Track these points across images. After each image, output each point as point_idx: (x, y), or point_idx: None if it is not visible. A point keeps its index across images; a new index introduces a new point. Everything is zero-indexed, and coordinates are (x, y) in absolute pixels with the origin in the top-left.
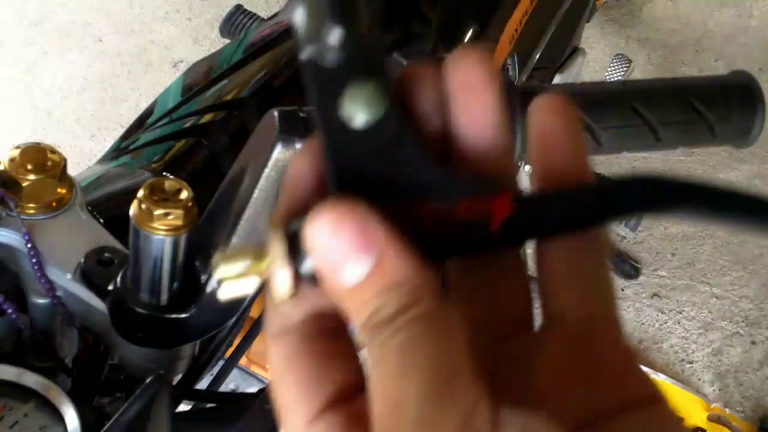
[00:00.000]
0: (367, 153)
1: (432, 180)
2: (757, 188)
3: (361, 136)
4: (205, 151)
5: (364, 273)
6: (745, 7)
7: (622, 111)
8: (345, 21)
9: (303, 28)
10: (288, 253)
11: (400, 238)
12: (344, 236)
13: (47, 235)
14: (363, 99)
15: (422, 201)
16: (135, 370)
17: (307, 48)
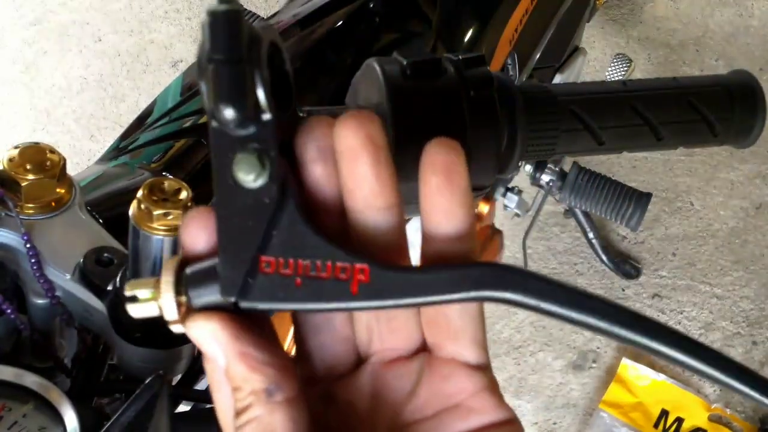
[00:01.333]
0: (249, 210)
1: (307, 243)
2: (758, 187)
3: (244, 194)
4: (205, 150)
5: (221, 370)
6: (745, 6)
7: (623, 111)
8: (236, 103)
9: (205, 102)
10: (175, 290)
11: (241, 352)
12: (210, 342)
13: (46, 235)
14: (247, 166)
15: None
16: (134, 371)
17: (210, 116)
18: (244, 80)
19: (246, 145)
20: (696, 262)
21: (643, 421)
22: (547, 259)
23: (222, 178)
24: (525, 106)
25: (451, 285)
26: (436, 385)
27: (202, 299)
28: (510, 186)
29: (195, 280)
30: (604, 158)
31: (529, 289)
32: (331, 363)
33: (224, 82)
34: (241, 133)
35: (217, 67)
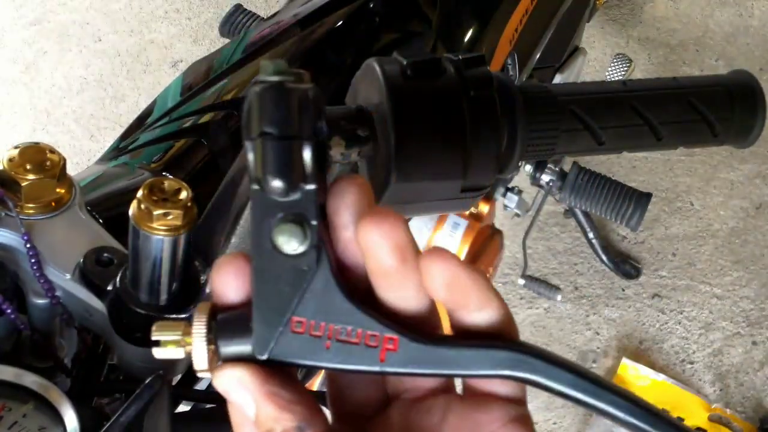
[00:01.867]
0: (286, 274)
1: (338, 308)
2: (758, 187)
3: (283, 259)
4: (205, 150)
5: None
6: (745, 6)
7: (623, 111)
8: (285, 176)
9: (251, 169)
10: (207, 339)
11: (269, 392)
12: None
13: (46, 235)
14: (291, 235)
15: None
16: (134, 371)
17: (254, 182)
18: (293, 154)
19: (287, 211)
20: (696, 262)
21: None
22: (547, 259)
23: (261, 241)
24: (525, 106)
25: (476, 362)
26: (468, 413)
27: (231, 350)
28: (510, 186)
29: (225, 331)
30: (604, 158)
31: (549, 375)
32: (362, 402)
33: (275, 156)
34: (283, 200)
35: (268, 141)
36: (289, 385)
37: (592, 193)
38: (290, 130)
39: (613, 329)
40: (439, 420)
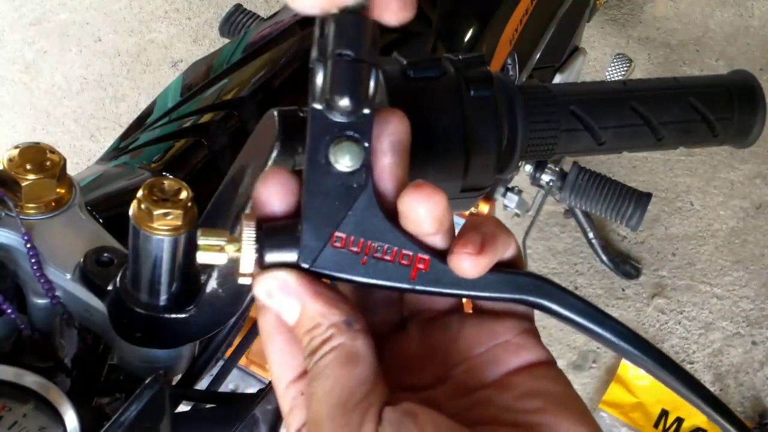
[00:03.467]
0: (337, 190)
1: (376, 227)
2: (758, 187)
3: (336, 175)
4: (205, 150)
5: (296, 316)
6: (746, 6)
7: (623, 111)
8: (353, 94)
9: (320, 87)
10: (256, 242)
11: (317, 291)
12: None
13: (46, 235)
14: (347, 152)
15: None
16: (134, 371)
17: (318, 101)
18: (362, 76)
19: (346, 130)
20: (696, 262)
21: (643, 421)
22: (547, 259)
23: (315, 157)
24: (525, 106)
25: (498, 286)
26: (484, 324)
27: (276, 257)
28: (510, 186)
29: (272, 239)
30: (604, 158)
31: (562, 302)
32: (380, 322)
33: (346, 75)
34: (343, 120)
35: (341, 62)
36: (333, 289)
37: (592, 193)
38: (363, 54)
39: None
40: (456, 332)
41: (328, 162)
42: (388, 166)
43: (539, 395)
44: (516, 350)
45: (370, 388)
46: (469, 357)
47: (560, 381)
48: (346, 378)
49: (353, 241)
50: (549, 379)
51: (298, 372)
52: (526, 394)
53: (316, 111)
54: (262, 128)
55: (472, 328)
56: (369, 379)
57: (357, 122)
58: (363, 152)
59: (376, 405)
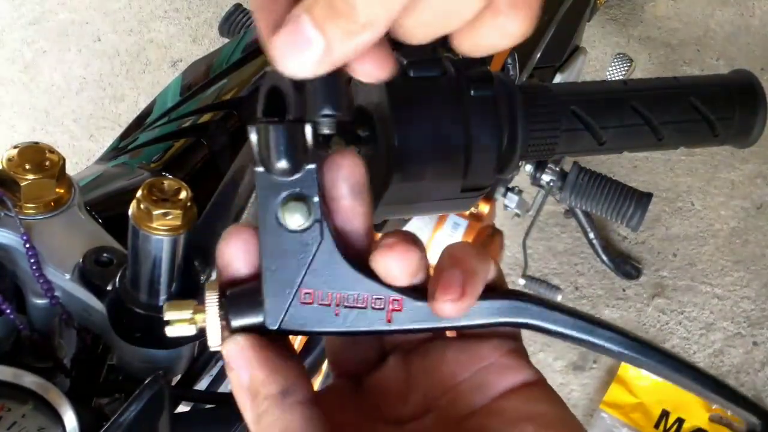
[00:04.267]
0: (293, 248)
1: (343, 277)
2: (759, 187)
3: (289, 235)
4: (205, 150)
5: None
6: (746, 6)
7: (623, 110)
8: (289, 157)
9: (256, 151)
10: (220, 315)
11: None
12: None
13: (46, 235)
14: (296, 211)
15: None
16: (134, 371)
17: (258, 164)
18: (296, 136)
19: (290, 189)
20: (697, 263)
21: (644, 422)
22: (547, 259)
23: (267, 219)
24: (525, 105)
25: (480, 314)
26: (467, 348)
27: (242, 323)
28: (510, 186)
29: (236, 305)
30: (605, 158)
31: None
32: (361, 359)
33: (279, 138)
34: (286, 180)
35: (271, 125)
36: (282, 354)
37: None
38: (291, 112)
39: None
40: (439, 359)
41: (279, 223)
42: (350, 209)
43: (530, 419)
44: (503, 372)
45: None
46: (454, 384)
47: (551, 401)
48: None
49: (321, 294)
50: (539, 400)
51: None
52: (517, 419)
53: (259, 174)
54: None
55: (455, 353)
56: None
57: (301, 179)
58: (313, 208)
59: None
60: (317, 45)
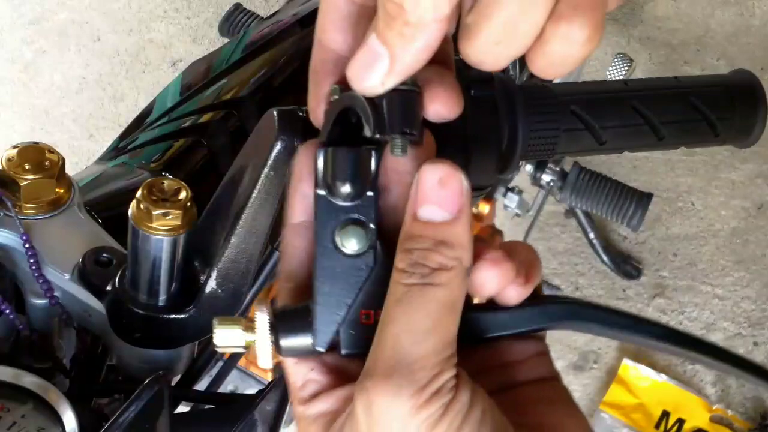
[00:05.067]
0: (346, 272)
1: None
2: (759, 187)
3: (344, 259)
4: (204, 150)
5: (436, 218)
6: (747, 6)
7: (624, 110)
8: (355, 182)
9: (321, 174)
10: (272, 339)
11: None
12: (443, 188)
13: (45, 235)
14: (353, 236)
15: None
16: (133, 371)
17: (320, 186)
18: (362, 162)
19: (349, 214)
20: (697, 263)
21: (645, 422)
22: (547, 259)
23: (322, 242)
24: (526, 105)
25: (532, 320)
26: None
27: (290, 343)
28: (510, 186)
29: (286, 326)
30: (605, 158)
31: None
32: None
33: (346, 163)
34: (347, 205)
35: (339, 149)
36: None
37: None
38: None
39: None
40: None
41: (335, 246)
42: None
43: (544, 402)
44: (528, 368)
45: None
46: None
47: (565, 392)
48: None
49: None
50: (554, 390)
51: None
52: (532, 402)
53: (320, 196)
54: (261, 128)
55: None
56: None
57: (361, 205)
58: (369, 234)
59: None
60: (384, 57)
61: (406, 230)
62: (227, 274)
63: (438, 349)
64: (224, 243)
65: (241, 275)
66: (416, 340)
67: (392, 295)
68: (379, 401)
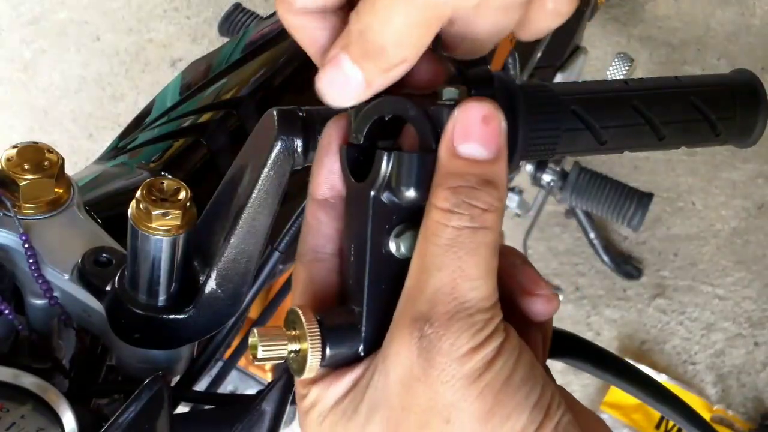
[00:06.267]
0: (397, 277)
1: None
2: (760, 187)
3: (396, 263)
4: (204, 150)
5: (478, 156)
6: (747, 5)
7: (624, 110)
8: (421, 186)
9: (387, 175)
10: (320, 342)
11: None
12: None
13: (44, 235)
14: (410, 240)
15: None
16: (133, 372)
17: (383, 189)
18: (428, 166)
19: (405, 218)
20: (698, 263)
21: (645, 423)
22: (548, 259)
23: (375, 245)
24: (526, 105)
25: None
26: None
27: (337, 351)
28: (511, 186)
29: (333, 334)
30: (605, 158)
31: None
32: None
33: (413, 167)
34: (398, 208)
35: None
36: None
37: (593, 194)
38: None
39: (614, 330)
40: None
41: (387, 251)
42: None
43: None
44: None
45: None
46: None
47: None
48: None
49: None
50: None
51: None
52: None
53: (377, 199)
54: (261, 128)
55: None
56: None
57: (418, 210)
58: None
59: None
60: (357, 79)
61: (447, 167)
62: (227, 274)
63: (490, 293)
64: (224, 243)
65: (241, 275)
66: (473, 286)
67: (437, 237)
68: (440, 346)
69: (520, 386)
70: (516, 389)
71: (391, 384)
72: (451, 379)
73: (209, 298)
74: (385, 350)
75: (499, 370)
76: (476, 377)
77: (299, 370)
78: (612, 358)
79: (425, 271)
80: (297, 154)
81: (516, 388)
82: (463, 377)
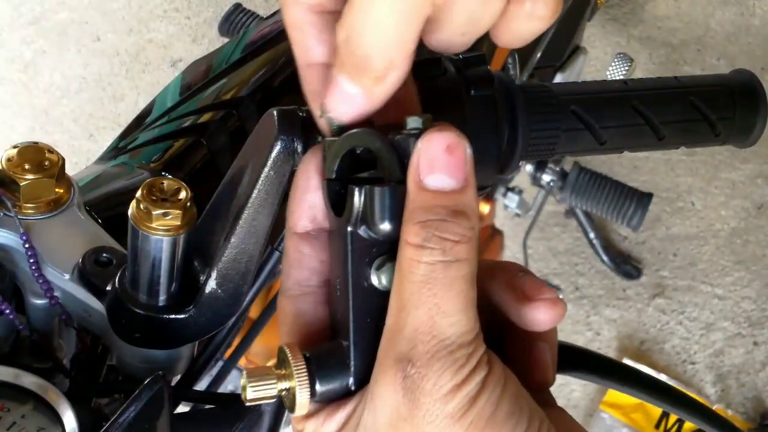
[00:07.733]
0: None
1: None
2: (759, 187)
3: (380, 295)
4: (204, 150)
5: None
6: (747, 5)
7: (624, 110)
8: (394, 219)
9: (360, 210)
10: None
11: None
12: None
13: (45, 235)
14: (390, 272)
15: None
16: (133, 371)
17: (359, 223)
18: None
19: (383, 251)
20: (697, 263)
21: (645, 422)
22: (547, 259)
23: (358, 280)
24: (526, 105)
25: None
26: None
27: (327, 387)
28: (510, 186)
29: (322, 369)
30: (605, 158)
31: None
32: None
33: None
34: (381, 241)
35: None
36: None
37: (593, 194)
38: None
39: (613, 329)
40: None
41: (370, 284)
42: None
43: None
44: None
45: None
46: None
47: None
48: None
49: None
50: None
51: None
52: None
53: (353, 234)
54: (261, 128)
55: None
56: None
57: (395, 241)
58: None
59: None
60: (358, 95)
61: (415, 201)
62: (227, 274)
63: (471, 326)
64: (224, 243)
65: (241, 275)
66: (451, 322)
67: (412, 274)
68: (423, 386)
69: (506, 420)
70: (502, 423)
71: (379, 424)
72: (435, 419)
73: (209, 298)
74: (372, 389)
75: (483, 405)
76: (460, 416)
77: (291, 407)
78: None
79: (403, 309)
80: (297, 154)
81: (502, 423)
82: (447, 416)
